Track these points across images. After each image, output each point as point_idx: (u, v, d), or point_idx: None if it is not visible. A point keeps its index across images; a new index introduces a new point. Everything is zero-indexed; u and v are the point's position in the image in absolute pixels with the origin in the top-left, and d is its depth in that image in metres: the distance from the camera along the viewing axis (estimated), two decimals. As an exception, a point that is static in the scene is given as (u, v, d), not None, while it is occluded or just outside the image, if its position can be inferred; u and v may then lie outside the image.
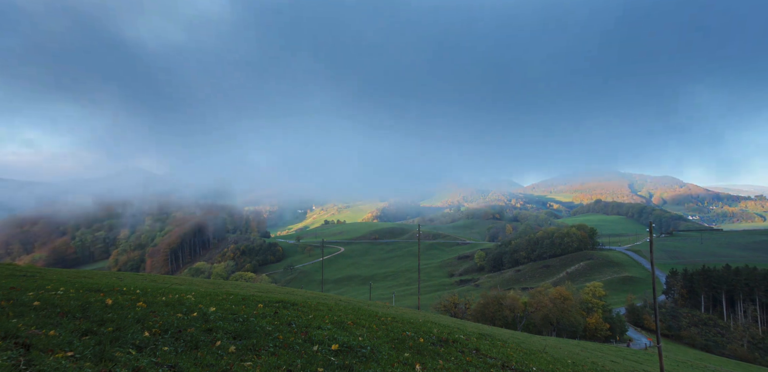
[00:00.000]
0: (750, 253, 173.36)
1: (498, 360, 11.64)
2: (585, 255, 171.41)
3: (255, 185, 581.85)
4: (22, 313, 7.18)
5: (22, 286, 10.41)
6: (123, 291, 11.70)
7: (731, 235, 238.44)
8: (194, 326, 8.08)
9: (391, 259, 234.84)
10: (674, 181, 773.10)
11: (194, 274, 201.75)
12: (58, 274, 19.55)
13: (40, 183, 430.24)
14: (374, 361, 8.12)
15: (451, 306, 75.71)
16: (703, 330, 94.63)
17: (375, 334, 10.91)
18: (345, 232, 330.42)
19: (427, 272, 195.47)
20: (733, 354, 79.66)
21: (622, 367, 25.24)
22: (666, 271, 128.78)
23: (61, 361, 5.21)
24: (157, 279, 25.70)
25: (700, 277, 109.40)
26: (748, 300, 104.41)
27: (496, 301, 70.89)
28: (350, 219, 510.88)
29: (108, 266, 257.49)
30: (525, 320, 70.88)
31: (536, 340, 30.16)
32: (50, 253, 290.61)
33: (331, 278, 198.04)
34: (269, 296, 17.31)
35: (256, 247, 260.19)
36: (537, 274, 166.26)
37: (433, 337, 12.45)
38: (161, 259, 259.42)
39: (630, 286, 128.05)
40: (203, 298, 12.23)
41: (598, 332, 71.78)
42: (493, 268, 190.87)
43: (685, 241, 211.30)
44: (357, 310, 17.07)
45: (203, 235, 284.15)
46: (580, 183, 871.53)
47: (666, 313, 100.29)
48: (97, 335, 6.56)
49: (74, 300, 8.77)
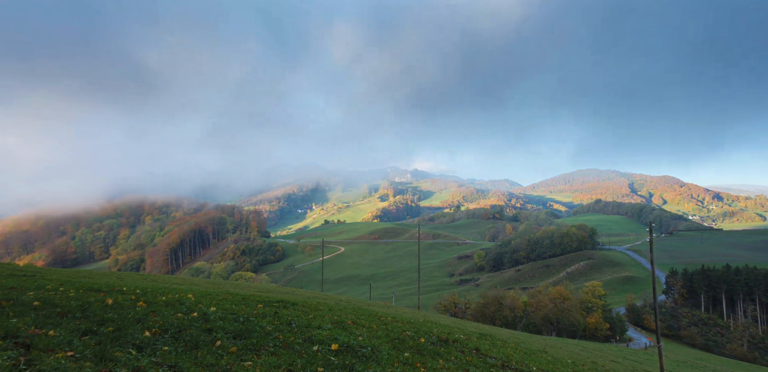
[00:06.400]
0: (750, 253, 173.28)
1: (498, 360, 11.63)
2: (585, 255, 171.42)
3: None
4: (22, 313, 7.18)
5: (22, 286, 10.41)
6: (123, 291, 11.70)
7: (731, 235, 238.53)
8: (194, 326, 8.08)
9: (391, 259, 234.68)
10: (674, 181, 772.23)
11: (194, 274, 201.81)
12: (58, 274, 19.55)
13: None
14: (374, 360, 8.12)
15: (451, 306, 75.70)
16: (703, 330, 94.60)
17: (375, 333, 10.91)
18: (345, 232, 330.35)
19: (427, 272, 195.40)
20: (732, 354, 79.66)
21: (623, 366, 25.22)
22: (666, 270, 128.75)
23: (61, 361, 5.20)
24: (157, 279, 25.70)
25: (699, 276, 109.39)
26: (747, 300, 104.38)
27: (496, 300, 70.91)
28: (350, 219, 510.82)
29: (108, 266, 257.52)
30: (525, 320, 70.88)
31: (536, 339, 30.15)
32: (50, 253, 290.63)
33: (331, 278, 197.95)
34: (269, 296, 17.31)
35: (256, 247, 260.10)
36: (537, 273, 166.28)
37: (433, 336, 12.45)
38: (161, 259, 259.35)
39: (630, 286, 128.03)
40: (203, 298, 12.23)
41: (598, 332, 71.79)
42: (493, 267, 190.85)
43: (685, 241, 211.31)
44: (357, 309, 17.07)
45: (203, 235, 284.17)
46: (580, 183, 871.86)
47: (666, 313, 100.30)
48: (98, 335, 6.56)
49: (74, 300, 8.77)
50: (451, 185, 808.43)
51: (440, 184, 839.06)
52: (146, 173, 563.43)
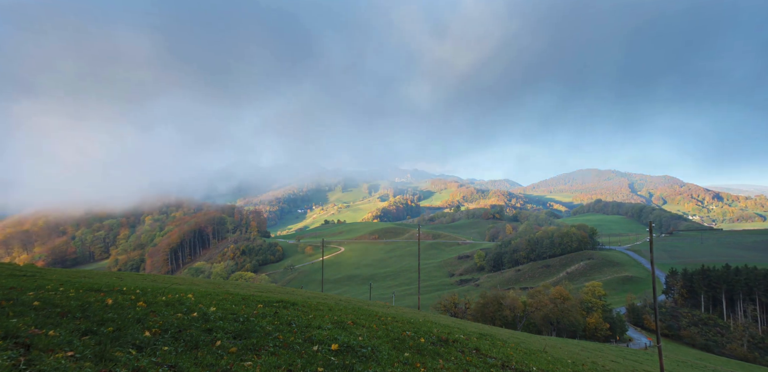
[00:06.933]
0: (750, 253, 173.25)
1: (498, 360, 11.64)
2: (585, 255, 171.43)
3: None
4: (22, 312, 7.18)
5: (22, 286, 10.41)
6: (123, 291, 11.70)
7: (731, 235, 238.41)
8: (194, 326, 8.08)
9: (391, 259, 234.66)
10: (674, 181, 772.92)
11: (194, 274, 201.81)
12: (58, 274, 19.56)
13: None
14: (374, 360, 8.13)
15: (451, 306, 75.73)
16: (703, 330, 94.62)
17: (375, 333, 10.91)
18: (345, 232, 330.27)
19: (427, 272, 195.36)
20: (732, 354, 79.66)
21: (623, 366, 25.22)
22: (666, 270, 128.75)
23: (61, 361, 5.21)
24: (157, 279, 25.71)
25: (699, 276, 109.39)
26: (747, 300, 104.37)
27: (496, 300, 70.95)
28: (350, 219, 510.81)
29: (108, 266, 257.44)
30: (525, 320, 70.91)
31: (536, 339, 30.15)
32: (50, 253, 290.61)
33: (331, 278, 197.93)
34: (269, 296, 17.31)
35: (256, 247, 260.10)
36: (537, 273, 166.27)
37: (433, 336, 12.45)
38: (161, 259, 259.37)
39: (630, 286, 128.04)
40: (203, 298, 12.23)
41: (598, 332, 71.81)
42: (493, 267, 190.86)
43: (685, 241, 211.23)
44: (357, 309, 17.08)
45: (203, 235, 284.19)
46: (580, 183, 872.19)
47: (666, 313, 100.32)
48: (97, 335, 6.56)
49: (74, 300, 8.78)
50: (451, 185, 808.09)
51: (440, 184, 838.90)
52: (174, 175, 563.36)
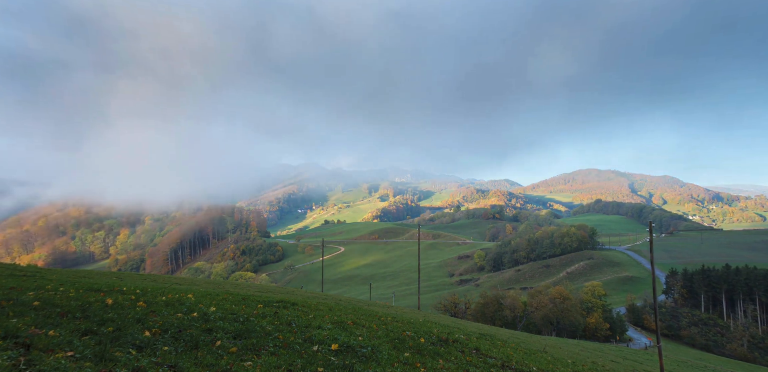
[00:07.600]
0: (750, 253, 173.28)
1: (498, 360, 11.64)
2: (585, 255, 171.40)
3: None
4: (22, 313, 7.18)
5: (22, 286, 10.41)
6: (123, 291, 11.70)
7: (731, 235, 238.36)
8: (194, 326, 8.08)
9: (391, 259, 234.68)
10: (674, 181, 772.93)
11: (194, 274, 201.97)
12: (58, 274, 19.55)
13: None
14: (374, 360, 8.13)
15: (451, 306, 75.76)
16: (703, 330, 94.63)
17: (375, 334, 10.91)
18: (345, 232, 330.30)
19: (427, 272, 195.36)
20: (732, 354, 79.68)
21: (623, 366, 25.23)
22: (666, 270, 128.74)
23: (61, 361, 5.20)
24: (157, 279, 25.69)
25: (699, 276, 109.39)
26: (747, 300, 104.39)
27: (496, 300, 70.99)
28: (350, 219, 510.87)
29: (108, 266, 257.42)
30: (525, 320, 70.92)
31: (536, 339, 30.16)
32: (50, 253, 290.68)
33: (331, 278, 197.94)
34: (269, 296, 17.31)
35: (256, 247, 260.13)
36: (537, 273, 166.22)
37: (433, 336, 12.45)
38: (161, 259, 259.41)
39: (630, 286, 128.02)
40: (203, 298, 12.23)
41: (598, 332, 71.82)
42: (493, 267, 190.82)
43: (685, 241, 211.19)
44: (357, 310, 17.08)
45: (203, 235, 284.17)
46: (580, 183, 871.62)
47: (666, 313, 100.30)
48: (97, 335, 6.56)
49: (74, 300, 8.78)
50: (451, 185, 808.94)
51: (440, 184, 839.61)
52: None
